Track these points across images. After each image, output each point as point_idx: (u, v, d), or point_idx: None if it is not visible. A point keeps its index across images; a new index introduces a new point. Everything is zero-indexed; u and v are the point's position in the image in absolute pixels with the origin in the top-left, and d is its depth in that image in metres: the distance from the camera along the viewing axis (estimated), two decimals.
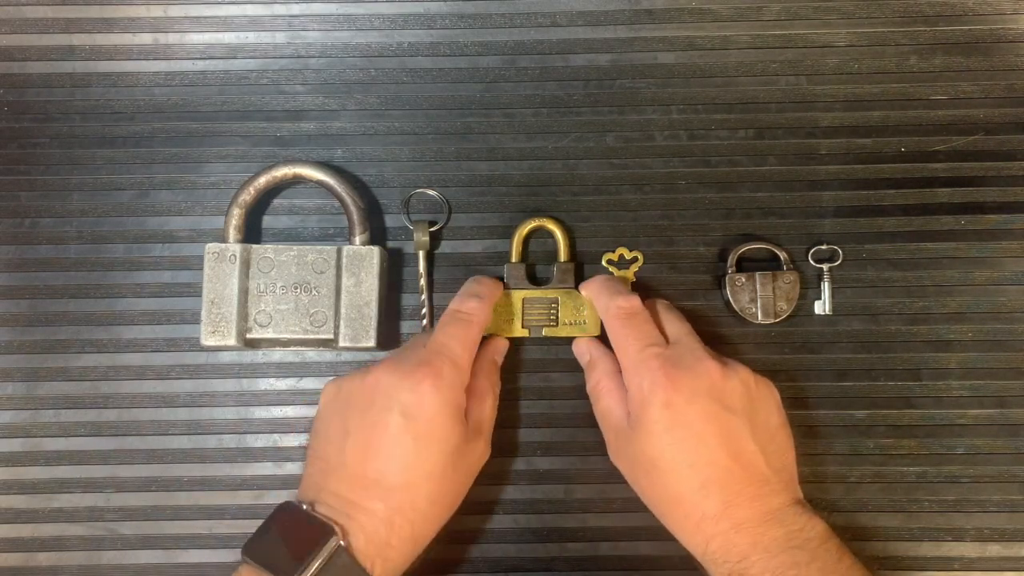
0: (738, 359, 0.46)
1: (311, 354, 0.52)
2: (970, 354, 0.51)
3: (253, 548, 0.41)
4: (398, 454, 0.42)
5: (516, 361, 0.52)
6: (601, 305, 0.48)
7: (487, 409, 0.47)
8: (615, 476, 0.49)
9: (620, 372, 0.47)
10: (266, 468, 0.51)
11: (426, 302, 0.51)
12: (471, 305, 0.47)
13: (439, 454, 0.43)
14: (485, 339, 0.49)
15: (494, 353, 0.50)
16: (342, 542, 0.41)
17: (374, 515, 0.42)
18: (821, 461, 0.51)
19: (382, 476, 0.42)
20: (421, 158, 0.53)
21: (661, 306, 0.49)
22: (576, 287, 0.51)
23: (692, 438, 0.42)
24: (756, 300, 0.50)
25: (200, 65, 0.53)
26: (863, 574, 0.42)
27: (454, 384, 0.44)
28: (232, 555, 0.45)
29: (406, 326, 0.52)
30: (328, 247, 0.49)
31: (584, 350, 0.50)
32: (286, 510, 0.42)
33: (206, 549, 0.50)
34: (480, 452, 0.47)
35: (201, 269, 0.49)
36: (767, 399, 0.45)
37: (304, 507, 0.42)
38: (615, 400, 0.46)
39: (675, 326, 0.47)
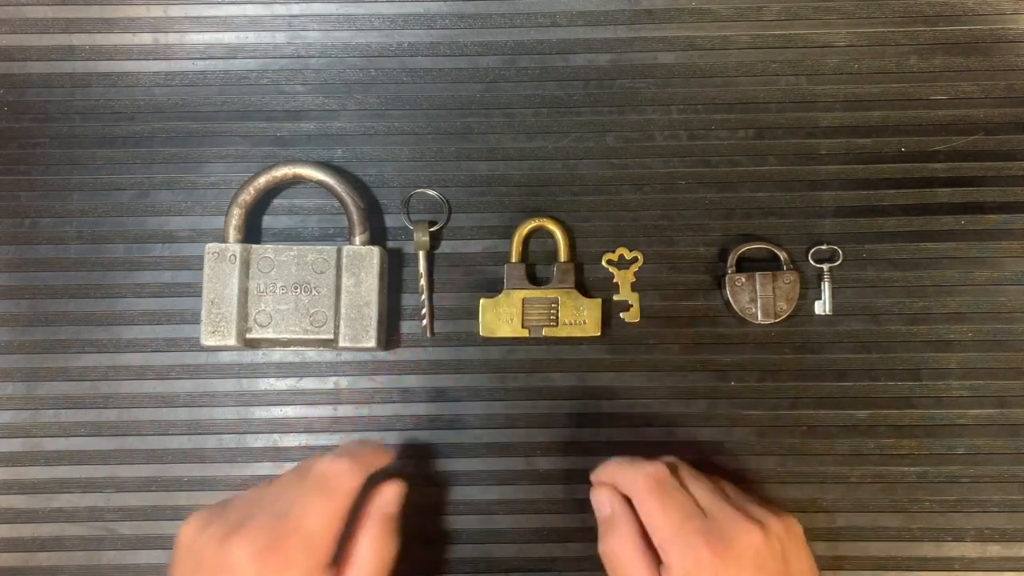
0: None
1: (311, 354, 0.52)
2: (970, 354, 0.51)
3: None
4: None
5: (517, 362, 0.52)
6: (626, 479, 0.45)
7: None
8: None
9: (644, 535, 0.44)
10: (266, 468, 0.51)
11: (426, 302, 0.51)
12: (339, 468, 0.42)
13: None
14: (374, 490, 0.44)
15: (385, 506, 0.44)
16: None
17: None
18: (822, 461, 0.51)
19: None
20: (421, 158, 0.53)
21: (677, 465, 0.46)
22: (576, 287, 0.51)
23: None
24: (756, 300, 0.50)
25: (200, 65, 0.53)
26: None
27: (309, 568, 0.40)
28: None
29: (406, 326, 0.52)
30: (328, 247, 0.49)
31: (605, 503, 0.46)
32: None
33: None
34: None
35: (201, 269, 0.49)
36: (797, 545, 0.44)
37: None
38: (643, 571, 0.43)
39: (701, 487, 0.45)
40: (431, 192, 0.52)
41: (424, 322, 0.51)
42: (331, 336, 0.49)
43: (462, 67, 0.53)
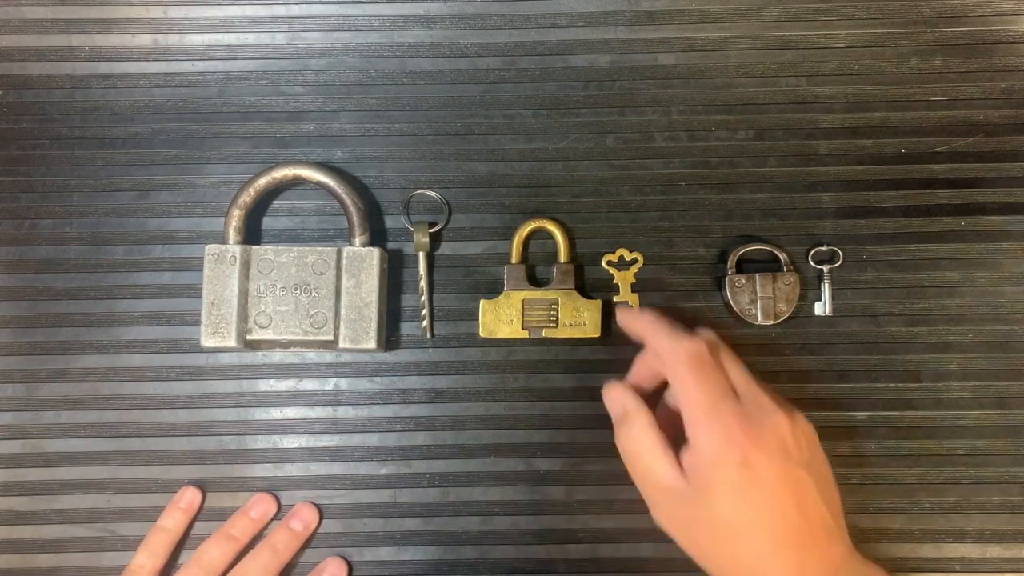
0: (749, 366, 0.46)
1: (311, 355, 0.52)
2: (970, 355, 0.51)
3: None
4: None
5: (516, 362, 0.52)
6: (664, 346, 0.44)
7: None
8: (616, 478, 0.50)
9: (657, 425, 0.44)
10: (266, 470, 0.51)
11: (426, 303, 0.51)
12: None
13: None
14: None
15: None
16: None
17: None
18: None
19: None
20: (421, 159, 0.53)
21: (715, 344, 0.45)
22: (576, 288, 0.51)
23: (767, 498, 0.41)
24: (756, 301, 0.50)
25: (200, 66, 0.53)
26: None
27: None
28: None
29: (406, 327, 0.52)
30: (328, 248, 0.49)
31: (618, 398, 0.46)
32: None
33: None
34: None
35: (201, 270, 0.49)
36: (816, 443, 0.44)
37: None
38: (664, 458, 0.43)
39: (736, 371, 0.44)
40: (431, 193, 0.52)
41: (424, 323, 0.51)
42: (331, 337, 0.49)
43: (462, 68, 0.53)
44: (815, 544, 0.41)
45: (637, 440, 0.44)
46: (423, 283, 0.52)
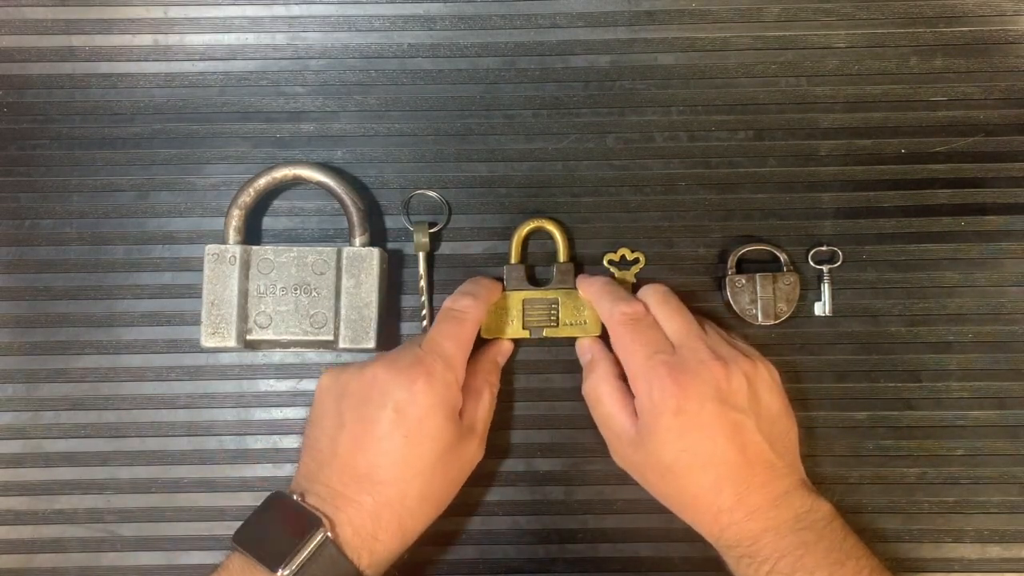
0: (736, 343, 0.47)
1: (311, 355, 0.52)
2: (970, 356, 0.51)
3: (243, 536, 0.42)
4: (389, 450, 0.43)
5: (516, 362, 0.52)
6: (604, 309, 0.48)
7: (482, 409, 0.48)
8: (615, 478, 0.50)
9: (621, 375, 0.47)
10: (266, 470, 0.51)
11: (426, 303, 0.51)
12: (465, 303, 0.48)
13: (430, 452, 0.44)
14: (490, 341, 0.50)
15: (496, 354, 0.50)
16: (329, 534, 0.41)
17: (362, 508, 0.43)
18: (821, 462, 0.51)
19: (372, 470, 0.43)
20: (421, 159, 0.53)
21: (659, 299, 0.48)
22: (576, 288, 0.51)
23: (704, 441, 0.44)
24: (756, 301, 0.50)
25: (200, 66, 0.53)
26: (865, 552, 0.43)
27: (448, 382, 0.45)
28: None
29: (406, 327, 0.52)
30: (328, 248, 0.49)
31: (586, 349, 0.50)
32: (277, 499, 0.43)
33: (206, 551, 0.51)
34: (473, 452, 0.47)
35: (201, 270, 0.49)
36: (768, 387, 0.46)
37: (295, 497, 0.43)
38: (617, 405, 0.47)
39: (676, 324, 0.47)
40: (431, 193, 0.52)
41: (424, 323, 0.51)
42: (331, 337, 0.49)
43: (462, 68, 0.53)
44: (755, 478, 0.44)
45: (598, 387, 0.48)
46: (423, 283, 0.52)
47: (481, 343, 0.50)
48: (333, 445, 0.44)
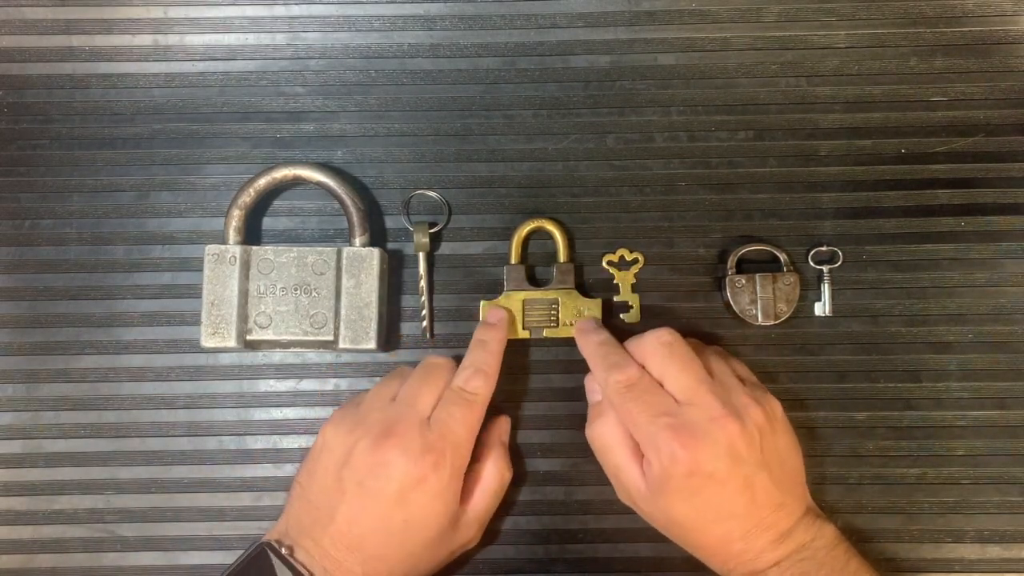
0: (739, 359, 0.47)
1: (311, 356, 0.52)
2: (970, 356, 0.51)
3: None
4: (387, 530, 0.44)
5: (517, 363, 0.52)
6: (599, 378, 0.47)
7: (488, 499, 0.47)
8: None
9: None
10: (266, 470, 0.51)
11: (426, 303, 0.51)
12: (476, 384, 0.47)
13: (425, 538, 0.44)
14: (490, 422, 0.49)
15: (500, 435, 0.50)
16: None
17: (351, 574, 0.43)
18: (821, 463, 0.51)
19: (366, 544, 0.44)
20: (421, 159, 0.53)
21: (661, 354, 0.45)
22: (576, 287, 0.51)
23: (715, 498, 0.43)
24: (756, 302, 0.50)
25: (200, 66, 0.53)
26: (869, 574, 0.43)
27: (455, 469, 0.45)
28: (232, 557, 0.45)
29: (406, 327, 0.52)
30: (328, 248, 0.49)
31: (596, 389, 0.48)
32: (265, 550, 0.43)
33: (206, 551, 0.51)
34: (468, 538, 0.48)
35: (201, 271, 0.49)
36: (776, 428, 0.45)
37: (283, 549, 0.43)
38: (627, 458, 0.45)
39: (681, 380, 0.44)
40: (431, 193, 0.52)
41: (424, 323, 0.51)
42: (331, 338, 0.49)
43: (462, 68, 0.53)
44: (763, 520, 0.43)
45: (608, 435, 0.46)
46: (423, 283, 0.52)
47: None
48: (331, 511, 0.44)
